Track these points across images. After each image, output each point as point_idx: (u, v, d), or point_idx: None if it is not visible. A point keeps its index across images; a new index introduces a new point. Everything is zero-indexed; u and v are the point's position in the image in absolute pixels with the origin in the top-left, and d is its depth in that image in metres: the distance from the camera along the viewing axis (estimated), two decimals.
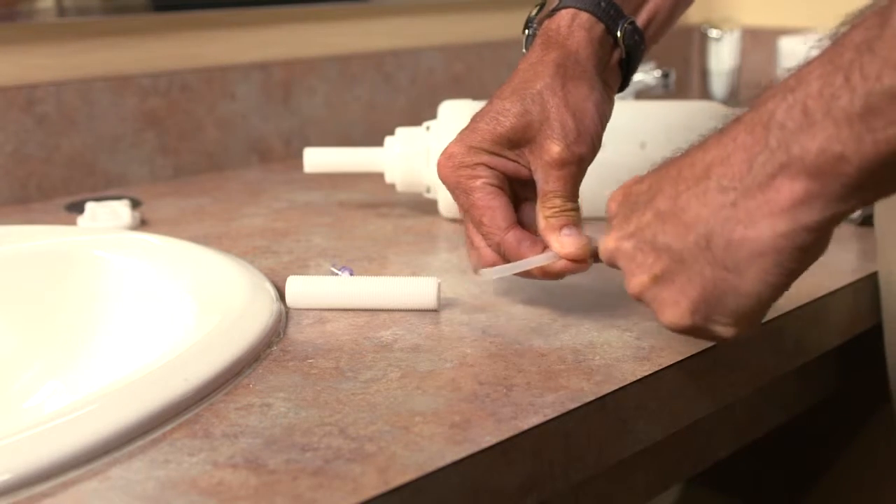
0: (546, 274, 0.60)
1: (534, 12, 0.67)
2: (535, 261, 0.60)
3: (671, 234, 0.49)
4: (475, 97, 0.87)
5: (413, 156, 0.84)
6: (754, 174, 0.44)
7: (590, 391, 0.52)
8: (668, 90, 1.16)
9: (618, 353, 0.57)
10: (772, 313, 0.62)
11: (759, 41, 1.44)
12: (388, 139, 0.85)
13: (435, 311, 0.63)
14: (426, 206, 0.87)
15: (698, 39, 1.35)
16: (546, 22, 0.64)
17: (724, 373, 0.60)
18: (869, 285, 0.71)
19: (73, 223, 0.83)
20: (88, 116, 0.96)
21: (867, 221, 0.80)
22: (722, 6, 1.50)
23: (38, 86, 0.93)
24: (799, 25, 1.40)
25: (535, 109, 0.60)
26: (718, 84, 1.31)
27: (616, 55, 0.64)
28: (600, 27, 0.63)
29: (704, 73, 1.32)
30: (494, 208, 0.60)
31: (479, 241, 0.62)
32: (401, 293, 0.63)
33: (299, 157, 0.88)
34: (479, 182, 0.61)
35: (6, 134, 0.91)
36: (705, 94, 1.32)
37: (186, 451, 0.46)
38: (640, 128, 0.84)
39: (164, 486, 0.43)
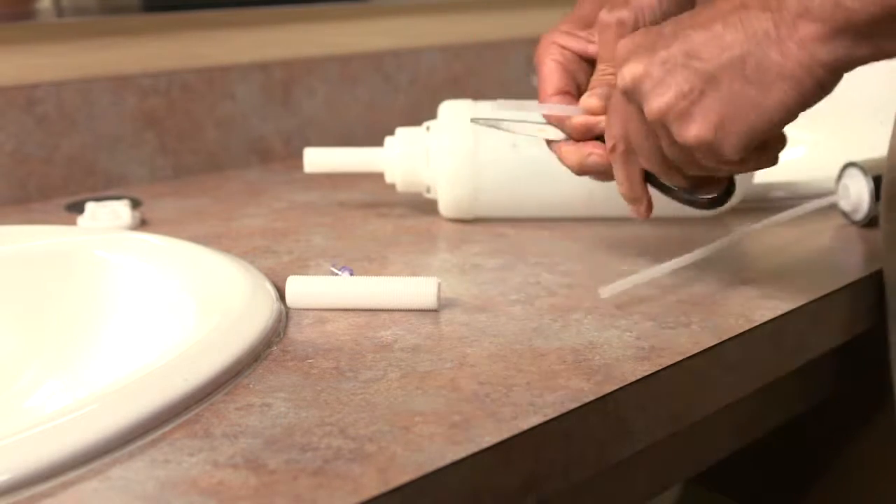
0: (568, 128, 0.64)
1: None
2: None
3: (706, 56, 0.53)
4: (475, 97, 0.87)
5: (413, 156, 0.84)
6: (783, 14, 0.50)
7: (590, 391, 0.52)
8: None
9: (618, 353, 0.57)
10: (772, 313, 0.63)
11: None
12: (388, 139, 0.85)
13: (435, 311, 0.63)
14: (426, 206, 0.87)
15: None
16: None
17: (724, 373, 0.60)
18: (869, 285, 0.71)
19: (73, 223, 0.83)
20: (88, 116, 0.96)
21: (870, 223, 0.80)
22: None
23: (38, 86, 0.93)
24: None
25: None
26: None
27: None
28: None
29: None
30: (546, 78, 0.66)
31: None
32: (401, 293, 0.63)
33: (299, 157, 0.88)
34: (546, 59, 0.66)
35: (6, 134, 0.91)
36: None
37: (186, 451, 0.46)
38: None
39: (164, 486, 0.43)
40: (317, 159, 0.87)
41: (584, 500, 0.59)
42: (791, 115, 0.52)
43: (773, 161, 0.58)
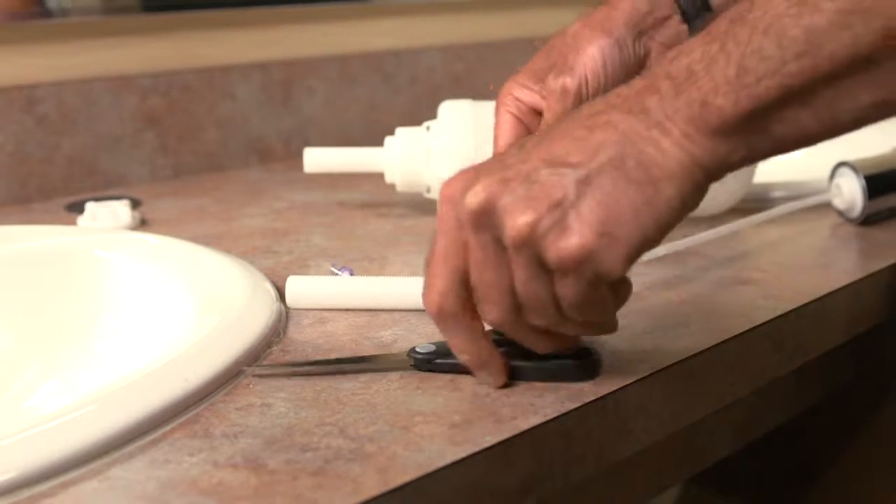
0: None
1: None
2: None
3: (576, 161, 0.47)
4: (475, 97, 0.87)
5: (413, 156, 0.84)
6: (654, 113, 0.47)
7: (590, 391, 0.52)
8: None
9: (618, 353, 0.57)
10: (772, 313, 0.63)
11: None
12: (388, 139, 0.85)
13: None
14: (426, 206, 0.87)
15: None
16: None
17: (724, 373, 0.60)
18: (869, 285, 0.71)
19: (73, 223, 0.83)
20: (88, 116, 0.96)
21: (867, 221, 0.80)
22: None
23: (38, 86, 0.93)
24: None
25: (556, 46, 0.64)
26: None
27: (675, 18, 0.65)
28: None
29: None
30: (499, 131, 0.64)
31: None
32: (401, 293, 0.63)
33: (299, 157, 0.88)
34: (501, 110, 0.64)
35: (6, 134, 0.91)
36: None
37: (186, 451, 0.46)
38: None
39: (164, 486, 0.43)
40: (317, 159, 0.87)
41: (584, 500, 0.59)
42: (676, 218, 0.48)
43: (620, 305, 0.52)
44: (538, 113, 0.63)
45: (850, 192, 0.80)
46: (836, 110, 0.46)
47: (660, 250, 0.70)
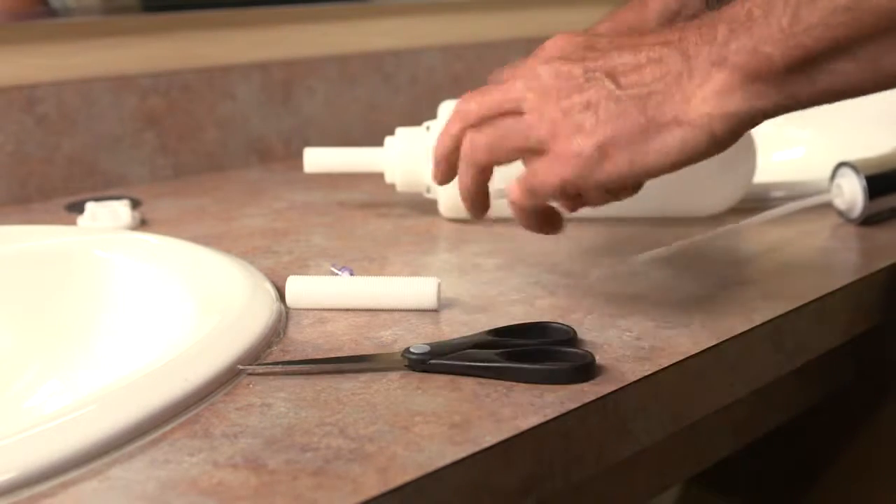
0: None
1: None
2: None
3: (620, 81, 0.53)
4: None
5: (413, 156, 0.84)
6: (700, 60, 0.51)
7: (590, 391, 0.52)
8: None
9: (618, 353, 0.57)
10: (772, 313, 0.63)
11: None
12: (388, 139, 0.85)
13: (435, 311, 0.63)
14: (426, 206, 0.87)
15: None
16: None
17: (724, 373, 0.60)
18: (869, 285, 0.71)
19: (73, 223, 0.83)
20: (88, 116, 0.96)
21: (868, 221, 0.80)
22: None
23: (38, 86, 0.93)
24: None
25: None
26: None
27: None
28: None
29: None
30: None
31: None
32: (401, 293, 0.63)
33: (299, 157, 0.88)
34: None
35: (6, 134, 0.91)
36: None
37: (186, 451, 0.46)
38: None
39: (164, 486, 0.43)
40: (317, 159, 0.87)
41: (584, 500, 0.59)
42: (664, 166, 0.52)
43: (545, 230, 0.59)
44: None
45: (850, 193, 0.80)
46: (882, 63, 0.48)
47: (661, 250, 0.70)
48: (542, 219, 0.59)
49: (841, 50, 0.48)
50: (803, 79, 0.49)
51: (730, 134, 0.51)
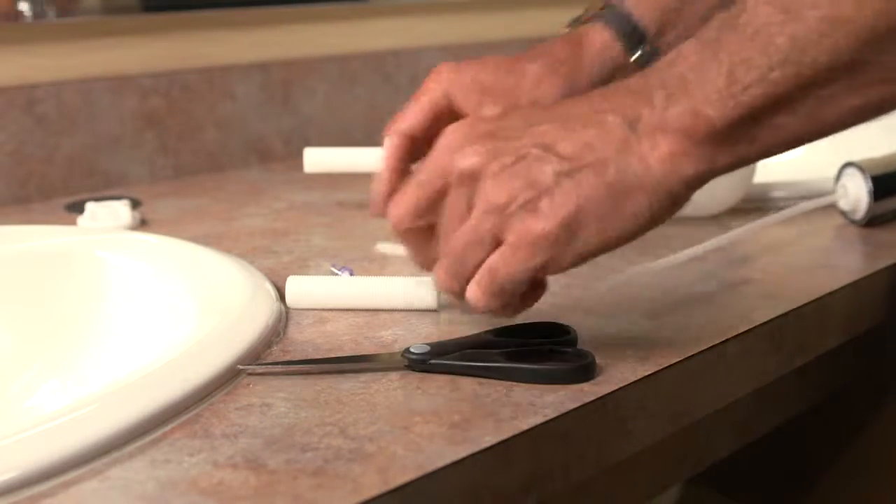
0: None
1: (580, 15, 0.70)
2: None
3: (566, 153, 0.50)
4: None
5: None
6: (646, 122, 0.49)
7: (590, 391, 0.52)
8: None
9: (618, 353, 0.57)
10: (772, 313, 0.63)
11: None
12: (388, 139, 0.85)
13: (435, 311, 0.63)
14: None
15: None
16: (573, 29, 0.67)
17: (725, 373, 0.60)
18: (869, 285, 0.71)
19: (73, 223, 0.83)
20: (88, 116, 0.96)
21: (871, 222, 0.80)
22: None
23: (38, 86, 0.93)
24: None
25: (516, 74, 0.64)
26: None
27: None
28: (617, 46, 0.64)
29: None
30: (413, 110, 0.68)
31: None
32: (401, 293, 0.63)
33: (299, 157, 0.88)
34: (428, 91, 0.69)
35: (6, 134, 0.91)
36: None
37: (186, 451, 0.46)
38: None
39: (164, 486, 0.43)
40: (317, 159, 0.87)
41: (584, 500, 0.59)
42: (638, 231, 0.51)
43: (533, 303, 0.55)
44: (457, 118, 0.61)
45: (855, 194, 0.80)
46: (822, 114, 0.47)
47: (679, 257, 0.70)
48: (520, 301, 0.54)
49: (781, 105, 0.47)
50: (747, 137, 0.48)
51: (688, 194, 0.50)
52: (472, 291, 0.53)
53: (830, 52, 0.45)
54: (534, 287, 0.54)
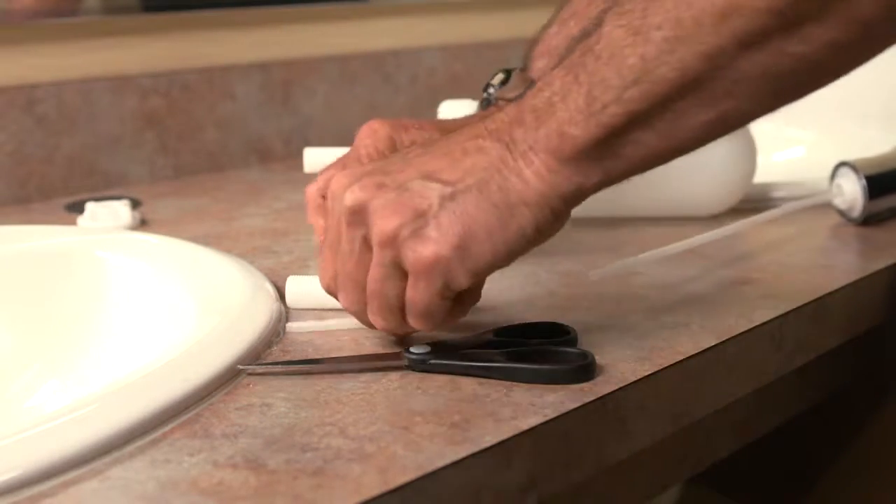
0: None
1: (497, 79, 0.74)
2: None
3: (447, 178, 0.52)
4: (475, 97, 0.87)
5: None
6: (520, 143, 0.52)
7: (590, 391, 0.52)
8: None
9: (618, 353, 0.57)
10: (772, 313, 0.63)
11: None
12: None
13: None
14: None
15: None
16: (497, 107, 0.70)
17: (724, 373, 0.60)
18: (869, 285, 0.71)
19: (73, 223, 0.83)
20: (88, 116, 0.96)
21: (868, 221, 0.80)
22: None
23: (38, 86, 0.93)
24: None
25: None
26: None
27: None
28: None
29: None
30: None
31: None
32: None
33: (299, 157, 0.88)
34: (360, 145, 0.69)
35: (6, 134, 0.91)
36: None
37: (186, 451, 0.46)
38: None
39: (164, 486, 0.43)
40: (317, 159, 0.87)
41: (584, 500, 0.59)
42: (526, 245, 0.52)
43: (462, 315, 0.56)
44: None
45: (850, 193, 0.80)
46: (677, 130, 0.50)
47: (666, 250, 0.70)
48: (454, 309, 0.55)
49: (639, 122, 0.49)
50: (610, 153, 0.50)
51: (566, 209, 0.52)
52: (413, 324, 0.54)
53: (677, 69, 0.48)
54: (459, 299, 0.55)
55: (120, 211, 0.83)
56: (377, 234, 0.52)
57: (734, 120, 0.51)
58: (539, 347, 0.56)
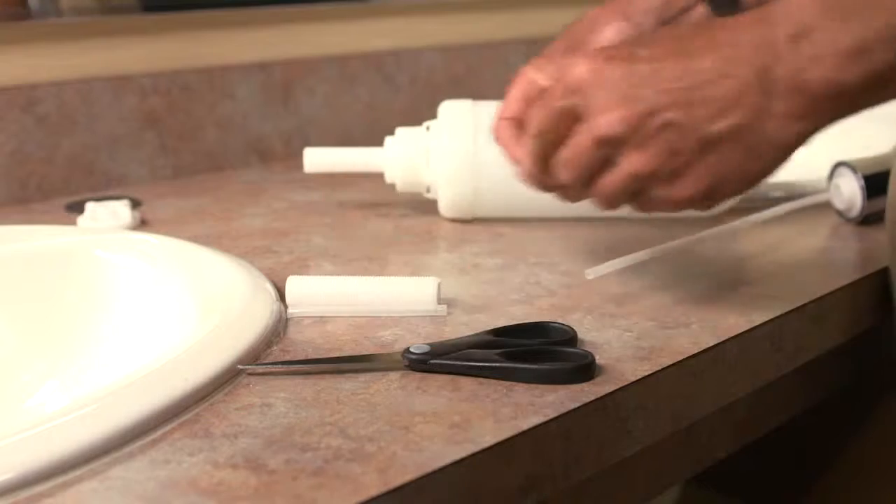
0: None
1: None
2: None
3: (703, 117, 0.53)
4: (475, 97, 0.87)
5: (413, 156, 0.84)
6: (775, 82, 0.51)
7: (590, 391, 0.52)
8: None
9: (618, 353, 0.57)
10: (772, 313, 0.63)
11: None
12: (388, 139, 0.85)
13: (435, 311, 0.63)
14: (426, 206, 0.87)
15: None
16: None
17: (724, 373, 0.60)
18: (869, 285, 0.71)
19: (73, 223, 0.83)
20: (88, 116, 0.96)
21: (867, 220, 0.80)
22: None
23: (38, 86, 0.93)
24: None
25: (574, 29, 0.71)
26: None
27: (699, 8, 0.69)
28: None
29: None
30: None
31: None
32: (401, 293, 0.63)
33: (299, 157, 0.88)
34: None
35: (6, 134, 0.91)
36: None
37: (186, 451, 0.46)
38: None
39: (164, 486, 0.43)
40: (317, 159, 0.87)
41: (584, 500, 0.59)
42: (755, 185, 0.55)
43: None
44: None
45: (849, 192, 0.80)
46: None
47: (664, 248, 0.70)
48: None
49: None
50: (874, 97, 0.52)
51: (797, 151, 0.54)
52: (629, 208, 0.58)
53: None
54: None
55: (120, 211, 0.83)
56: (629, 171, 0.54)
57: None
58: (539, 347, 0.56)
